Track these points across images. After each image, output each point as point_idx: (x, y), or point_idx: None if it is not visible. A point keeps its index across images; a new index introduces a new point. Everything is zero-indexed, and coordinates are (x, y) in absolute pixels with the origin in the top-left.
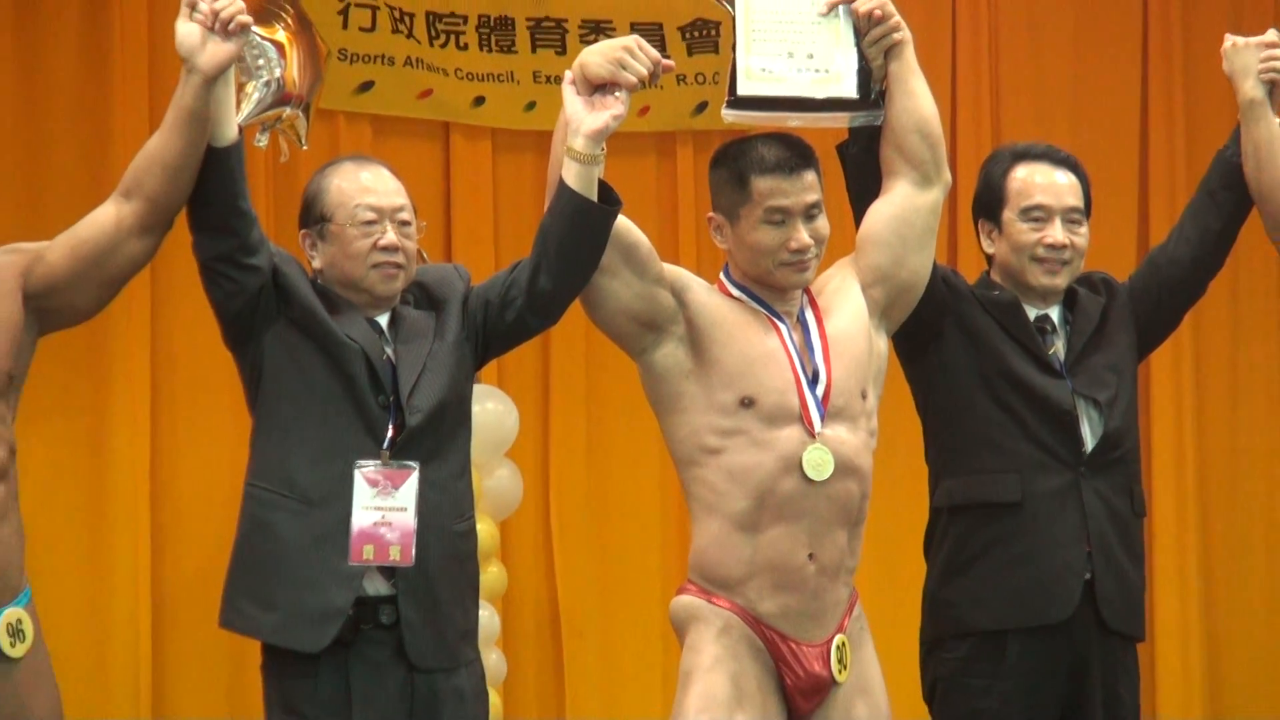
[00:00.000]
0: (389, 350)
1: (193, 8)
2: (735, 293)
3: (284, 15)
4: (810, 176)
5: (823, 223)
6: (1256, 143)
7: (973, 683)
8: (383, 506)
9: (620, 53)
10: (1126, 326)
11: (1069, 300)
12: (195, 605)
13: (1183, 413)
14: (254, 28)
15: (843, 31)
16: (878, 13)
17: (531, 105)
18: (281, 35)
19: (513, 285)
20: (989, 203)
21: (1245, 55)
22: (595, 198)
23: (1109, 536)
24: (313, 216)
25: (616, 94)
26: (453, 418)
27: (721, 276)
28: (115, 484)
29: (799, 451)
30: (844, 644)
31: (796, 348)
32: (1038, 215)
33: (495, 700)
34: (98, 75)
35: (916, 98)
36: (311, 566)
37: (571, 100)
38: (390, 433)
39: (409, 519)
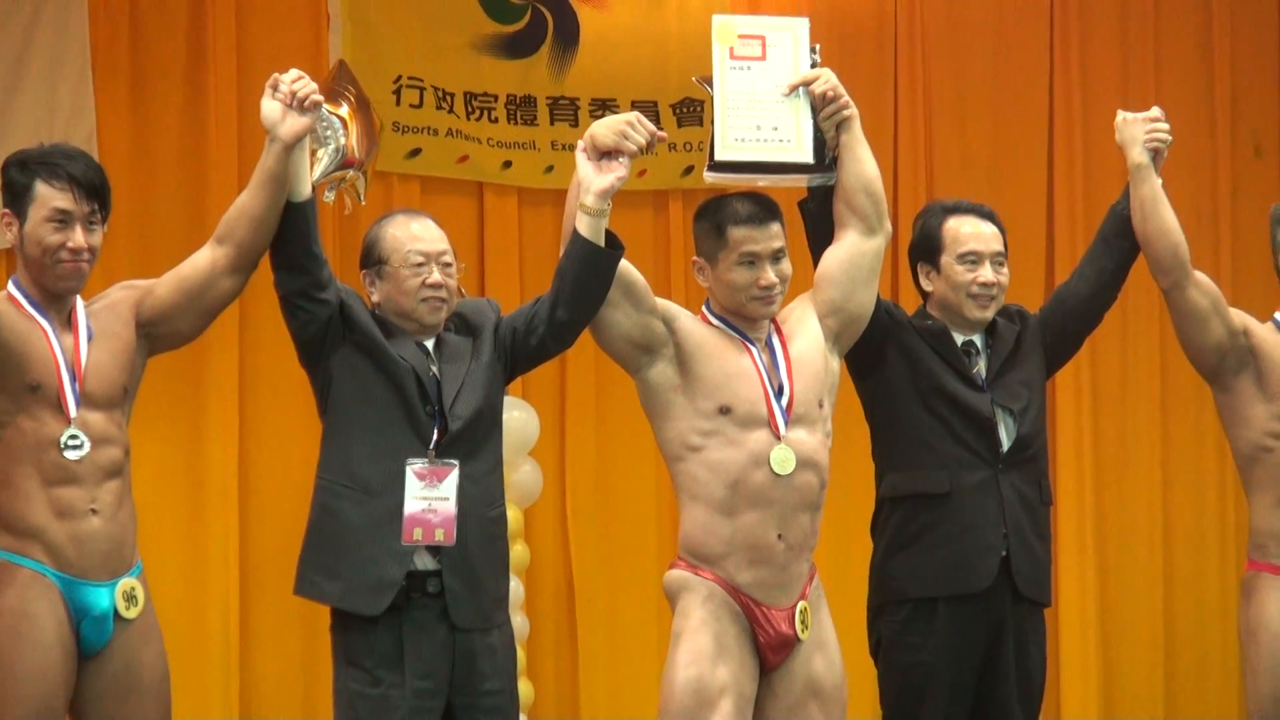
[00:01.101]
0: (434, 368)
1: (274, 88)
2: (715, 321)
3: (347, 95)
4: (776, 227)
5: (786, 265)
6: (1141, 200)
7: (910, 640)
8: (429, 496)
9: (623, 126)
10: (1037, 349)
11: (989, 327)
12: (275, 576)
13: (1081, 419)
14: (323, 105)
15: (802, 108)
16: (830, 93)
17: (550, 168)
18: (345, 111)
19: (535, 316)
20: (927, 249)
21: (1133, 128)
22: (603, 244)
23: (1021, 520)
24: (372, 259)
25: (620, 160)
26: (486, 424)
27: (704, 309)
28: (210, 477)
29: (767, 450)
30: (806, 609)
31: (765, 366)
32: (971, 259)
33: (520, 654)
34: (196, 140)
35: (863, 163)
36: (370, 545)
37: (583, 164)
38: (435, 436)
39: (450, 507)
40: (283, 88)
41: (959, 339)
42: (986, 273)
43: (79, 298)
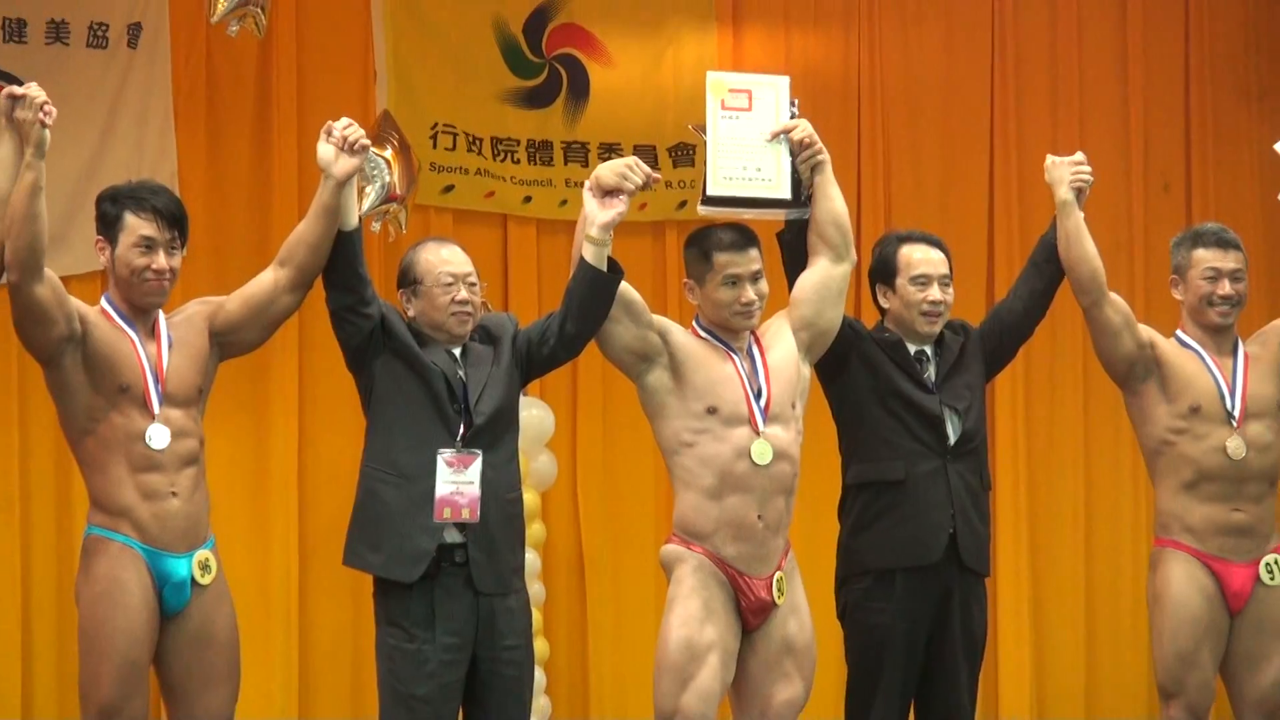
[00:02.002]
0: (461, 372)
1: (328, 134)
2: (703, 334)
3: (391, 139)
4: (754, 252)
5: (764, 284)
6: (1066, 231)
7: (872, 605)
8: (457, 481)
9: (624, 168)
10: (978, 357)
11: (938, 339)
12: (328, 550)
13: (1016, 417)
14: (371, 148)
15: (782, 153)
16: (806, 140)
17: (564, 202)
18: (389, 154)
19: (547, 329)
20: (884, 272)
21: (1060, 169)
22: (605, 269)
23: (966, 503)
24: (408, 279)
25: (620, 197)
26: (505, 420)
27: (694, 323)
28: (272, 465)
29: (749, 444)
30: (781, 578)
31: (745, 372)
32: (921, 281)
33: (537, 616)
34: (262, 177)
35: (833, 200)
36: (407, 523)
37: (589, 201)
38: (462, 430)
39: (475, 490)
40: (335, 133)
41: (912, 349)
42: (934, 293)
43: (161, 311)
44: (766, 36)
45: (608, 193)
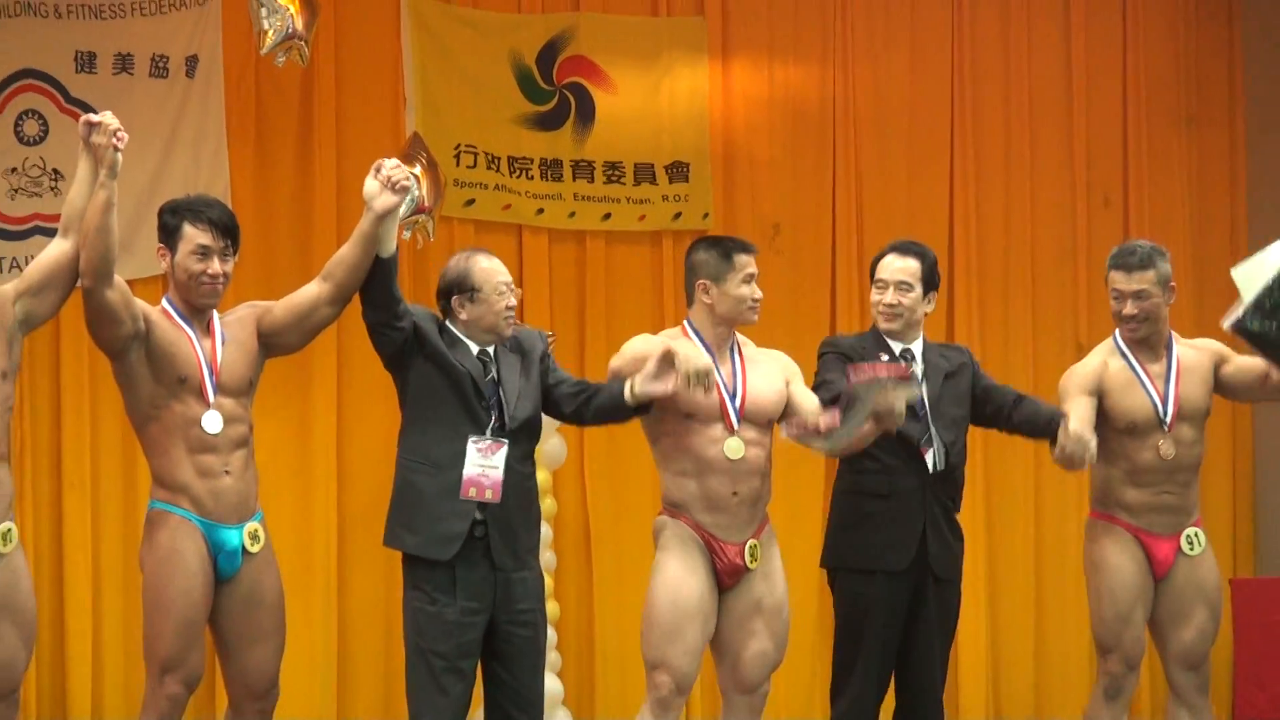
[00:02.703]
0: (494, 372)
1: (377, 170)
2: (692, 337)
3: (420, 157)
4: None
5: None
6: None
7: (855, 580)
8: (484, 465)
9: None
10: (968, 395)
11: (926, 353)
12: (365, 523)
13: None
14: (400, 164)
15: None
16: None
17: (572, 214)
18: (418, 170)
19: (561, 394)
20: (873, 276)
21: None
22: (623, 401)
23: (939, 520)
24: (465, 286)
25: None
26: (532, 428)
27: (685, 324)
28: (315, 448)
29: (723, 440)
30: (756, 546)
31: (724, 376)
32: (880, 285)
33: (549, 581)
34: (305, 191)
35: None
36: (441, 508)
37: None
38: (492, 421)
39: (499, 474)
40: (384, 171)
41: (898, 346)
42: (889, 296)
43: (215, 311)
44: (751, 66)
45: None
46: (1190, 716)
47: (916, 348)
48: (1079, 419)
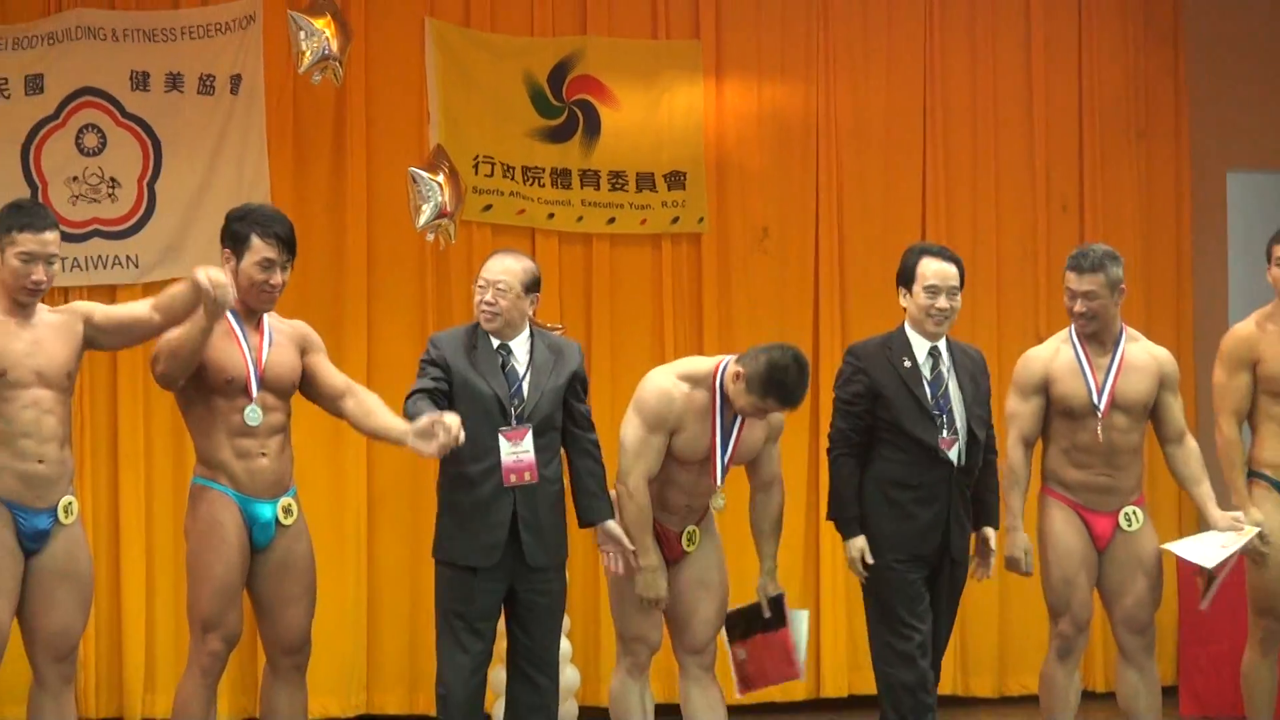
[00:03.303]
0: (517, 364)
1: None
2: (716, 404)
3: (443, 167)
4: None
5: None
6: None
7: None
8: (516, 451)
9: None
10: (988, 400)
11: (954, 356)
12: (392, 497)
13: None
14: (425, 172)
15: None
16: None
17: (580, 219)
18: (442, 179)
19: (575, 422)
20: (905, 278)
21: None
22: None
23: (959, 508)
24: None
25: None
26: (550, 426)
27: (718, 380)
28: (346, 429)
29: (709, 493)
30: (694, 531)
31: (724, 432)
32: (932, 290)
33: None
34: (338, 198)
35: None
36: (479, 523)
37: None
38: (515, 414)
39: (530, 456)
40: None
41: (924, 345)
42: (941, 301)
43: (267, 313)
44: (742, 85)
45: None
46: (1137, 675)
47: (941, 345)
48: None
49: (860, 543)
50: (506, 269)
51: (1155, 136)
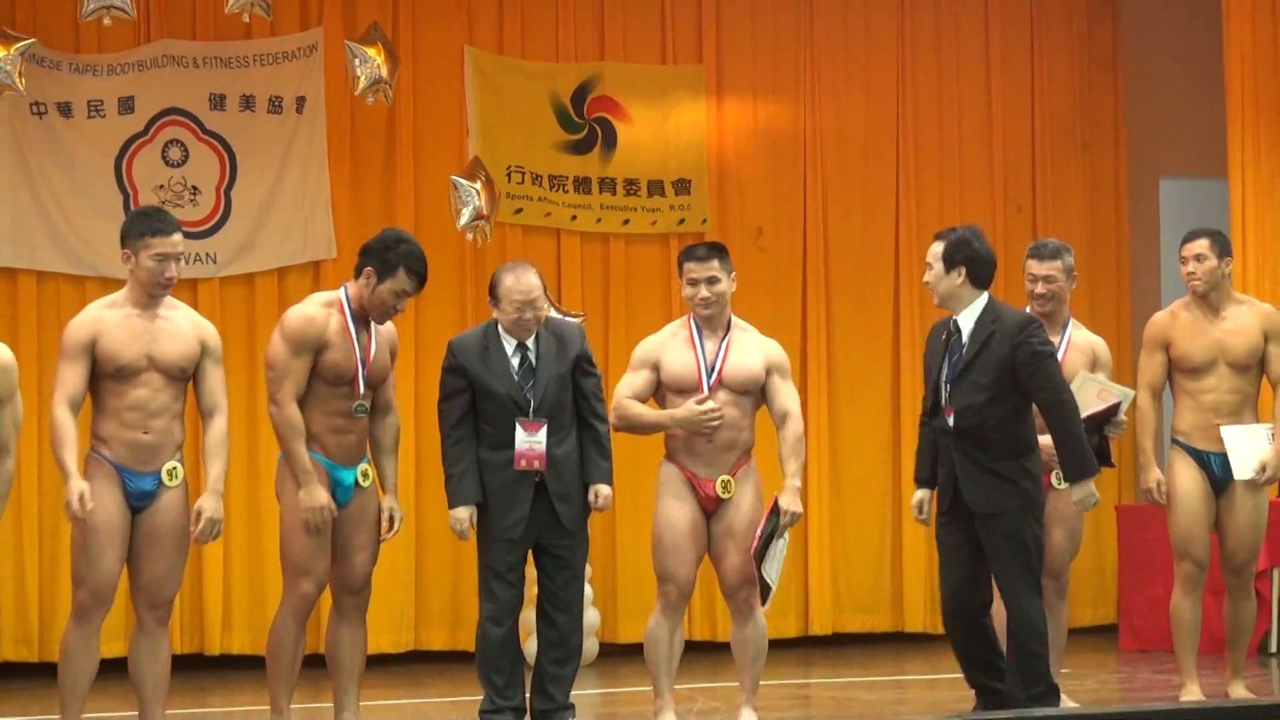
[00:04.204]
0: (533, 357)
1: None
2: (692, 326)
3: (480, 175)
4: (714, 262)
5: (719, 286)
6: None
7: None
8: (530, 441)
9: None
10: (1007, 368)
11: (981, 332)
12: (435, 463)
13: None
14: (464, 180)
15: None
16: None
17: (599, 220)
18: (478, 185)
19: (585, 394)
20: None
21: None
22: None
23: (968, 467)
24: (493, 294)
25: None
26: (561, 407)
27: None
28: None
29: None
30: (728, 481)
31: (708, 353)
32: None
33: None
34: (388, 204)
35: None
36: (506, 501)
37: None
38: (531, 407)
39: (542, 447)
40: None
41: (953, 318)
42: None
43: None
44: (739, 104)
45: None
46: (1049, 614)
47: (962, 317)
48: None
49: (916, 496)
50: (535, 285)
51: (1097, 147)
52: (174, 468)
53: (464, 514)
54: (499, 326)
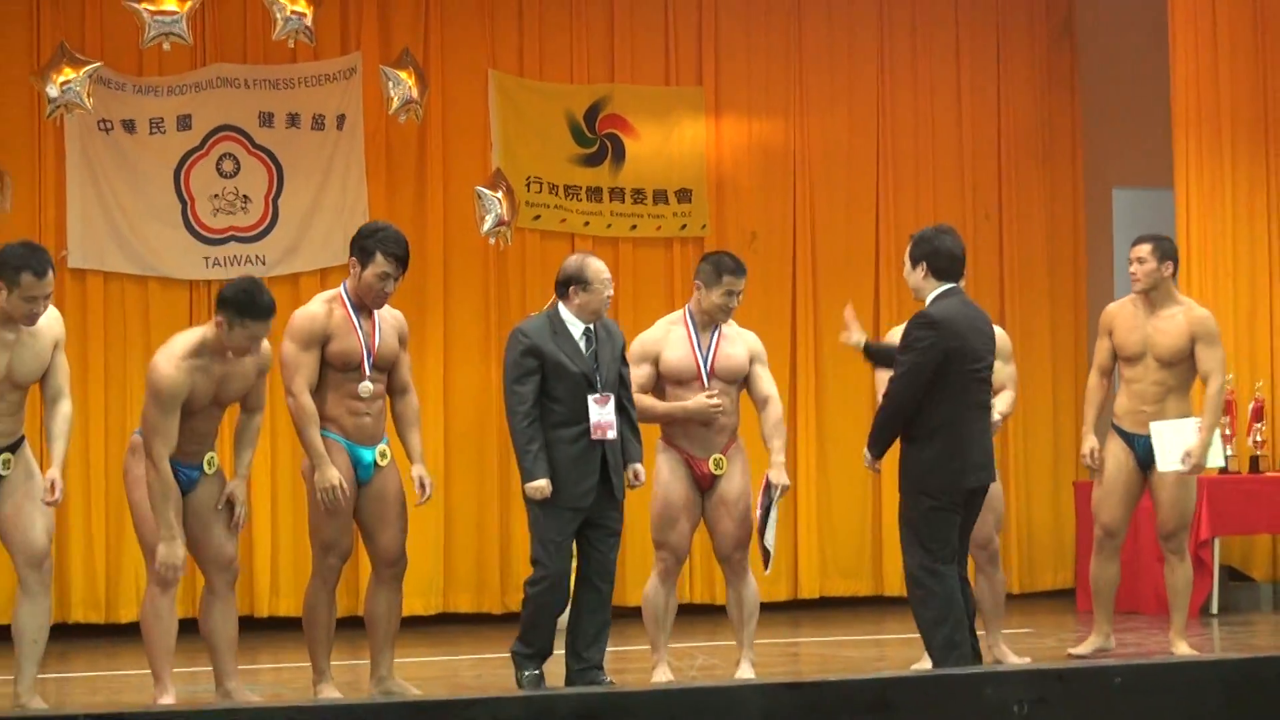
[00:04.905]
0: (594, 348)
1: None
2: (688, 321)
3: (502, 185)
4: (742, 281)
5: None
6: None
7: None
8: (601, 413)
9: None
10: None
11: None
12: (465, 443)
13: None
14: (487, 190)
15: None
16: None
17: (609, 225)
18: (500, 194)
19: (626, 393)
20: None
21: None
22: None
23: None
24: (581, 279)
25: None
26: (613, 388)
27: (686, 308)
28: (428, 388)
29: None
30: (720, 459)
31: (701, 351)
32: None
33: None
34: (419, 211)
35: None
36: (577, 472)
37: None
38: (600, 383)
39: (611, 416)
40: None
41: None
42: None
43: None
44: (735, 122)
45: None
46: (984, 578)
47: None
48: None
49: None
50: (608, 271)
51: (1056, 160)
52: (211, 457)
53: (544, 483)
54: (563, 312)
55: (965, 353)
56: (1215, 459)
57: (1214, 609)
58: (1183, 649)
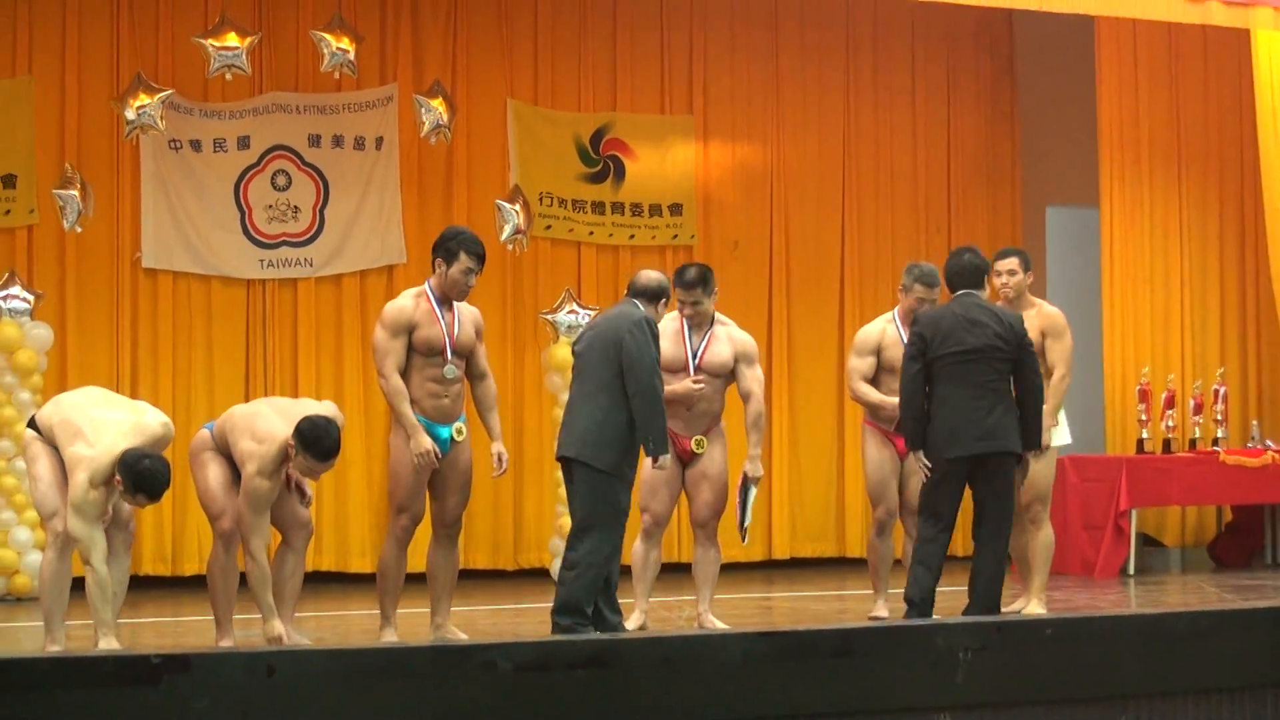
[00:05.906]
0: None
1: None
2: (684, 323)
3: (518, 199)
4: (698, 291)
5: (701, 307)
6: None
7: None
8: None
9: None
10: None
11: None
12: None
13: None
14: (506, 203)
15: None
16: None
17: (611, 235)
18: (518, 207)
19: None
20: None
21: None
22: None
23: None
24: (667, 295)
25: None
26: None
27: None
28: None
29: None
30: (701, 440)
31: (691, 347)
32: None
33: None
34: (448, 220)
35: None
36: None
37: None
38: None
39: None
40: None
41: None
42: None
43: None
44: (721, 146)
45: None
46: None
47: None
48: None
49: None
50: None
51: (998, 181)
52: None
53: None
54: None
55: (950, 343)
56: (1061, 438)
57: (1131, 571)
58: (1034, 608)
